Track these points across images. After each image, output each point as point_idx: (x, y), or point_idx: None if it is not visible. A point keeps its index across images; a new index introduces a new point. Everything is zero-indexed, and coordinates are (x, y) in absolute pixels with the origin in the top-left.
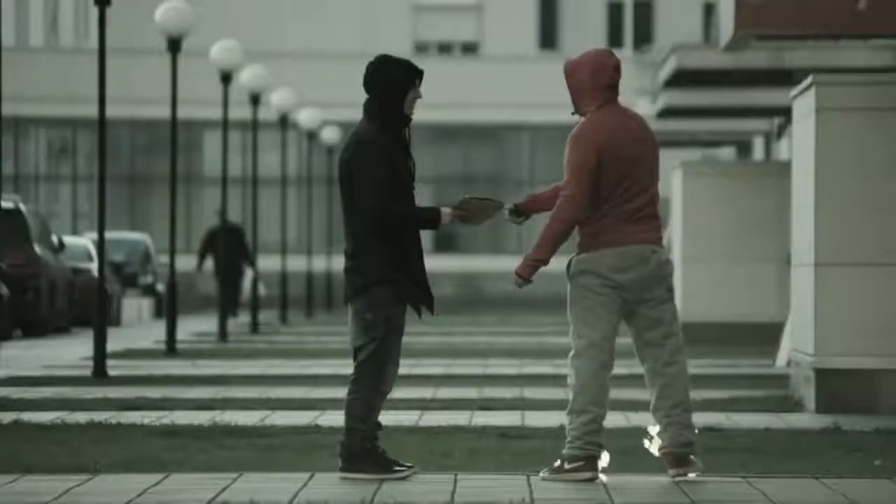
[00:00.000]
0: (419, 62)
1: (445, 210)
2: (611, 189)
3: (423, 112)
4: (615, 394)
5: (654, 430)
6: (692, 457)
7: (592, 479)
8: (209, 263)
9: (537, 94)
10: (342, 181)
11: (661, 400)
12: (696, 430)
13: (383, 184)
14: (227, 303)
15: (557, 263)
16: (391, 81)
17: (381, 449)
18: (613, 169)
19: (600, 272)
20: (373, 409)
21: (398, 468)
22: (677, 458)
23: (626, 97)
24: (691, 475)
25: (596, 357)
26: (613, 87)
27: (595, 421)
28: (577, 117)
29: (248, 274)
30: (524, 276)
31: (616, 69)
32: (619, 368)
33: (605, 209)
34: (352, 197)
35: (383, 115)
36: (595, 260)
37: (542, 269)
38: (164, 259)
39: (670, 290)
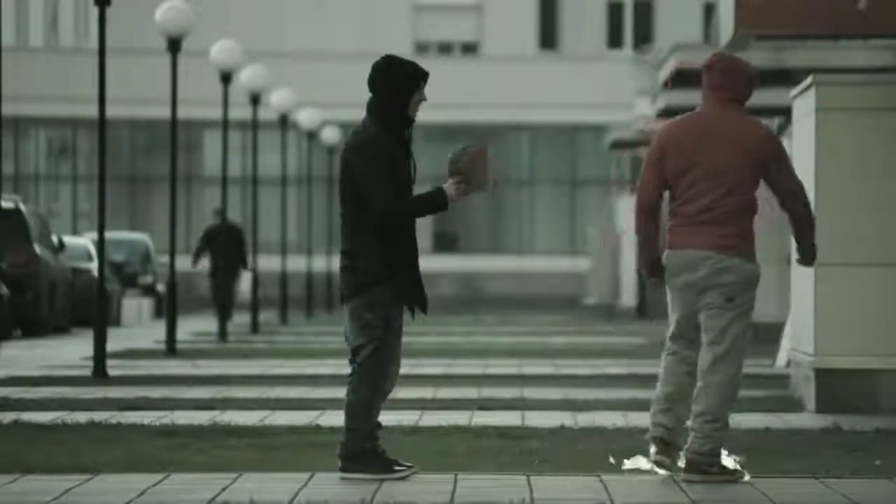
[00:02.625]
0: (419, 62)
1: (446, 185)
2: (672, 188)
3: (423, 112)
4: (614, 393)
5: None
6: (707, 467)
7: (659, 464)
8: (205, 262)
9: (537, 94)
10: (343, 180)
11: (694, 404)
12: (716, 447)
13: (389, 184)
14: (223, 303)
15: (554, 264)
16: (397, 83)
17: (381, 449)
18: (672, 167)
19: (666, 271)
20: (373, 409)
21: (398, 468)
22: (689, 463)
23: (625, 97)
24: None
25: (668, 348)
26: (712, 88)
27: (659, 402)
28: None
29: (246, 275)
30: (648, 275)
31: (709, 70)
32: (619, 368)
33: (673, 209)
34: (352, 196)
35: (388, 115)
36: (665, 260)
37: (539, 269)
38: (164, 259)
39: (730, 299)
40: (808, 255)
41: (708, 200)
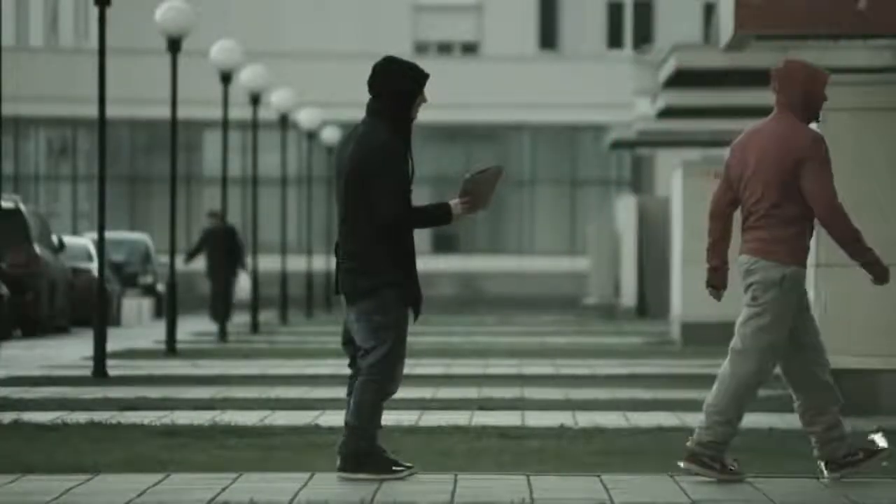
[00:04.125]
0: (419, 62)
1: (454, 202)
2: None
3: (423, 112)
4: (614, 393)
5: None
6: (706, 459)
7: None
8: (200, 263)
9: (537, 94)
10: (351, 179)
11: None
12: (715, 441)
13: (402, 189)
14: (221, 305)
15: (554, 264)
16: (400, 86)
17: (381, 448)
18: (733, 173)
19: None
20: (380, 409)
21: (397, 468)
22: (687, 451)
23: (625, 97)
24: (697, 474)
25: None
26: (773, 94)
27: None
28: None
29: (244, 275)
30: (709, 284)
31: (771, 75)
32: (620, 368)
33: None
34: (358, 196)
35: (393, 118)
36: None
37: (540, 270)
38: (164, 259)
39: (753, 299)
40: (866, 270)
41: (748, 205)
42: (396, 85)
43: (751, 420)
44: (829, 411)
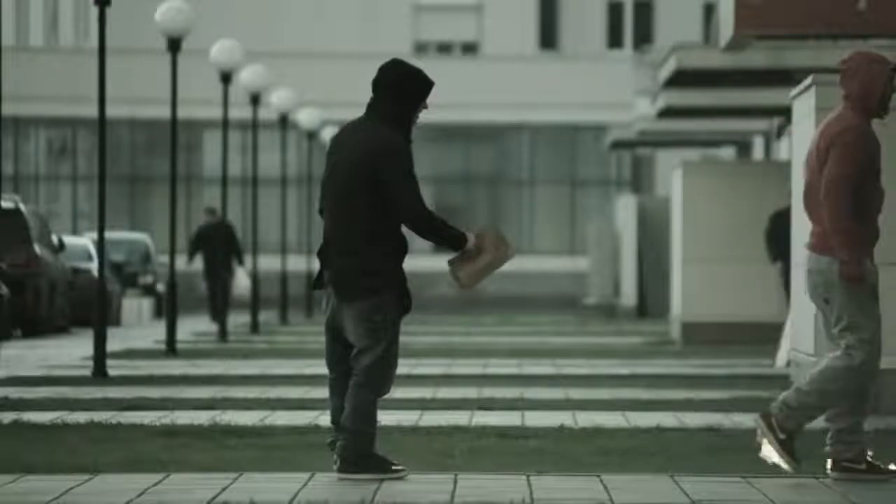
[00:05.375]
0: (419, 62)
1: (470, 235)
2: None
3: (423, 112)
4: (614, 393)
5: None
6: (773, 421)
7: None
8: (198, 262)
9: (537, 94)
10: (360, 179)
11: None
12: (786, 411)
13: (417, 188)
14: (220, 303)
15: (554, 264)
16: (407, 90)
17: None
18: None
19: None
20: (376, 409)
21: (396, 467)
22: (766, 410)
23: (625, 97)
24: (760, 435)
25: None
26: (841, 86)
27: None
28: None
29: (241, 272)
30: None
31: (840, 73)
32: (620, 368)
33: None
34: (366, 195)
35: (396, 120)
36: None
37: (540, 270)
38: (164, 259)
39: (826, 302)
40: (840, 268)
41: (803, 197)
42: (402, 88)
43: (749, 420)
44: (853, 415)
